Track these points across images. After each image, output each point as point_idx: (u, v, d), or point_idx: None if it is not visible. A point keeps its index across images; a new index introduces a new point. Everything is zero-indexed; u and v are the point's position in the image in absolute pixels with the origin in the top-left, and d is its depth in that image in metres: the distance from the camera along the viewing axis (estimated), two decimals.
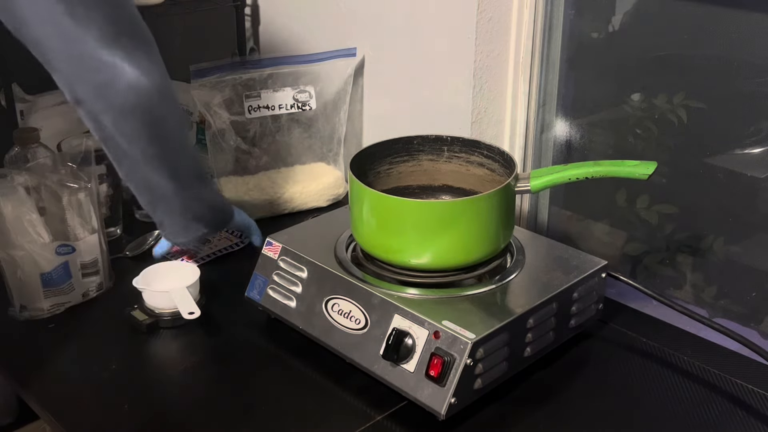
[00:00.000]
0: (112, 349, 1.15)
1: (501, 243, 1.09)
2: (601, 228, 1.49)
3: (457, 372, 0.93)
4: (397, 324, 0.99)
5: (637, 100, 1.37)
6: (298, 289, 1.11)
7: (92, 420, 1.01)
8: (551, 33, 1.39)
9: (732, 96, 1.26)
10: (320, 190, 1.53)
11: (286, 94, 1.50)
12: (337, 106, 1.55)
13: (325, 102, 1.54)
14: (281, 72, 1.51)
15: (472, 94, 1.37)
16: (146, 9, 1.52)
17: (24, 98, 1.73)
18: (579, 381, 1.08)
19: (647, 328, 1.17)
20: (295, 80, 1.51)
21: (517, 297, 1.05)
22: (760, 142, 1.23)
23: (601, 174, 1.04)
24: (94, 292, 1.25)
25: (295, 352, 1.12)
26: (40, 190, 1.19)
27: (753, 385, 1.05)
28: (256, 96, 1.48)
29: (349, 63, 1.54)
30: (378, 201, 1.05)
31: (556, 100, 1.42)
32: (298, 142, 1.55)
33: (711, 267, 1.34)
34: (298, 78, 1.52)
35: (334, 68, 1.53)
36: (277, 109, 1.50)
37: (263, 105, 1.49)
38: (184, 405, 1.04)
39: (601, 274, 1.11)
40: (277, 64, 1.51)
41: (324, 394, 1.05)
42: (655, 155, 1.35)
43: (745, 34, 1.20)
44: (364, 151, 1.15)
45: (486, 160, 1.16)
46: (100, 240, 1.23)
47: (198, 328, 1.17)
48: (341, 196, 1.56)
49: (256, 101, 1.48)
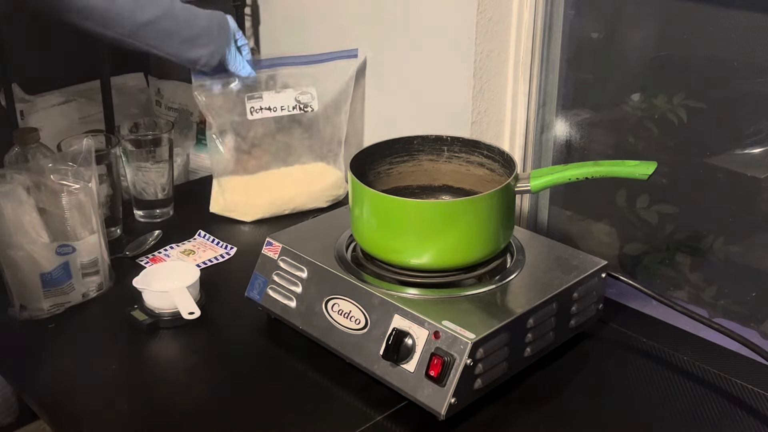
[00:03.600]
0: (112, 349, 1.15)
1: (501, 243, 1.09)
2: (601, 228, 1.49)
3: (457, 372, 0.93)
4: (397, 324, 0.99)
5: (637, 100, 1.37)
6: (298, 289, 1.11)
7: (92, 420, 1.01)
8: (551, 33, 1.39)
9: (732, 96, 1.26)
10: (321, 190, 1.53)
11: (288, 95, 1.50)
12: (338, 107, 1.55)
13: (326, 103, 1.53)
14: (282, 73, 1.51)
15: (472, 94, 1.37)
16: None
17: (24, 98, 1.73)
18: (579, 381, 1.08)
19: (647, 328, 1.17)
20: (296, 81, 1.51)
21: (517, 297, 1.05)
22: (760, 142, 1.23)
23: (601, 174, 1.04)
24: (94, 292, 1.25)
25: (295, 352, 1.12)
26: (40, 190, 1.19)
27: (753, 385, 1.05)
28: (258, 97, 1.48)
29: (350, 64, 1.54)
30: (378, 201, 1.05)
31: (556, 100, 1.42)
32: (299, 142, 1.55)
33: (711, 267, 1.34)
34: (300, 79, 1.52)
35: (335, 69, 1.53)
36: (279, 111, 1.50)
37: (265, 106, 1.49)
38: (184, 405, 1.04)
39: (601, 274, 1.11)
40: (279, 65, 1.51)
41: (324, 394, 1.05)
42: (655, 155, 1.35)
43: (745, 34, 1.20)
44: (364, 151, 1.15)
45: (486, 160, 1.16)
46: (100, 240, 1.23)
47: (198, 328, 1.17)
48: (341, 197, 1.55)
49: (258, 102, 1.48)
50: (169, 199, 1.51)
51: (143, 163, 1.45)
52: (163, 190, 1.49)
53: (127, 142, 1.44)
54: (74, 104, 1.82)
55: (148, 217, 1.50)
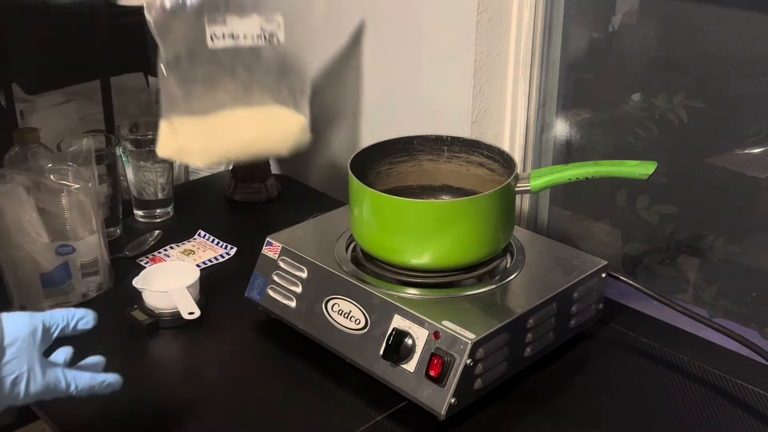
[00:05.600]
0: (112, 349, 1.14)
1: (501, 243, 1.09)
2: (601, 228, 1.49)
3: (457, 372, 0.93)
4: (397, 324, 0.99)
5: (637, 100, 1.37)
6: (298, 289, 1.11)
7: (92, 420, 1.01)
8: (551, 33, 1.39)
9: (732, 96, 1.26)
10: (282, 136, 1.35)
11: (253, 22, 1.29)
12: (305, 43, 1.36)
13: (295, 39, 1.35)
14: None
15: (472, 94, 1.37)
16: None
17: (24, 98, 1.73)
18: (579, 381, 1.08)
19: (647, 328, 1.17)
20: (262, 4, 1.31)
21: (517, 297, 1.05)
22: (760, 142, 1.23)
23: (601, 174, 1.04)
24: (94, 292, 1.25)
25: (295, 352, 1.12)
26: (40, 190, 1.19)
27: (753, 385, 1.05)
28: (221, 22, 1.27)
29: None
30: (378, 201, 1.05)
31: (556, 100, 1.42)
32: (261, 81, 1.34)
33: (711, 267, 1.34)
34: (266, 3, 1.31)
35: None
36: (242, 39, 1.29)
37: (228, 33, 1.29)
38: (184, 405, 1.04)
39: (601, 274, 1.11)
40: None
41: (324, 394, 1.05)
42: (655, 155, 1.35)
43: (745, 34, 1.20)
44: (364, 151, 1.15)
45: (486, 160, 1.16)
46: (100, 240, 1.23)
47: (198, 328, 1.17)
48: (304, 145, 1.38)
49: (220, 28, 1.27)
50: (169, 199, 1.51)
51: (143, 163, 1.45)
52: (163, 190, 1.49)
53: (127, 142, 1.44)
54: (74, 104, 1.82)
55: (148, 217, 1.50)
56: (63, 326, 0.85)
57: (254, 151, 1.36)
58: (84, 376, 0.85)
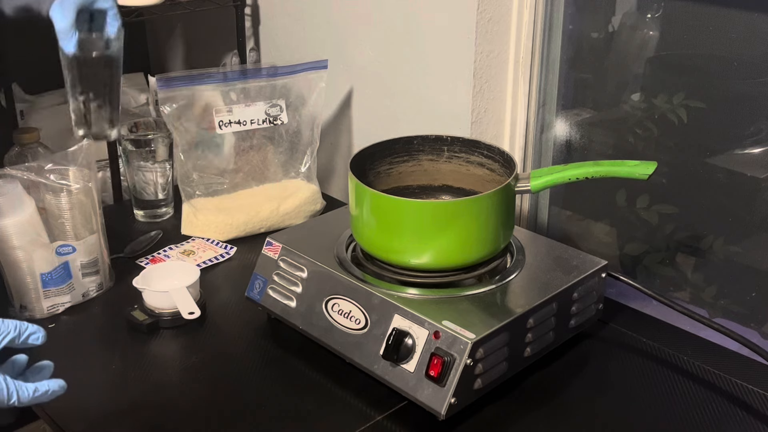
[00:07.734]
0: (112, 349, 1.15)
1: (501, 243, 1.09)
2: (601, 228, 1.49)
3: (457, 372, 0.93)
4: (397, 324, 0.99)
5: (637, 100, 1.37)
6: (298, 289, 1.11)
7: (92, 420, 1.01)
8: (551, 33, 1.39)
9: (732, 96, 1.26)
10: (297, 206, 1.48)
11: (258, 108, 1.45)
12: (309, 120, 1.49)
13: (297, 116, 1.48)
14: (251, 86, 1.45)
15: (472, 94, 1.37)
16: (146, 9, 1.52)
17: (24, 98, 1.73)
18: (579, 381, 1.08)
19: (647, 328, 1.18)
20: (266, 95, 1.46)
21: (517, 297, 1.05)
22: (760, 142, 1.23)
23: (601, 174, 1.04)
24: (94, 292, 1.25)
25: (295, 352, 1.12)
26: (40, 190, 1.19)
27: (753, 385, 1.05)
28: (228, 111, 1.43)
29: (320, 75, 1.48)
30: (378, 201, 1.06)
31: (556, 100, 1.42)
32: (271, 158, 1.49)
33: (711, 267, 1.34)
34: (270, 92, 1.46)
35: (306, 81, 1.48)
36: (249, 125, 1.44)
37: (234, 120, 1.43)
38: (184, 405, 1.04)
39: (601, 274, 1.11)
40: (248, 77, 1.45)
41: (324, 394, 1.05)
42: (655, 155, 1.35)
43: (745, 34, 1.20)
44: (364, 151, 1.15)
45: (486, 160, 1.16)
46: (100, 240, 1.23)
47: (198, 328, 1.17)
48: (319, 212, 1.51)
49: (227, 116, 1.43)
50: (169, 199, 1.51)
51: (143, 163, 1.45)
52: (163, 190, 1.49)
53: (127, 142, 1.44)
54: None
55: (148, 217, 1.50)
56: (14, 336, 0.82)
57: (271, 224, 1.46)
58: (27, 388, 0.83)
